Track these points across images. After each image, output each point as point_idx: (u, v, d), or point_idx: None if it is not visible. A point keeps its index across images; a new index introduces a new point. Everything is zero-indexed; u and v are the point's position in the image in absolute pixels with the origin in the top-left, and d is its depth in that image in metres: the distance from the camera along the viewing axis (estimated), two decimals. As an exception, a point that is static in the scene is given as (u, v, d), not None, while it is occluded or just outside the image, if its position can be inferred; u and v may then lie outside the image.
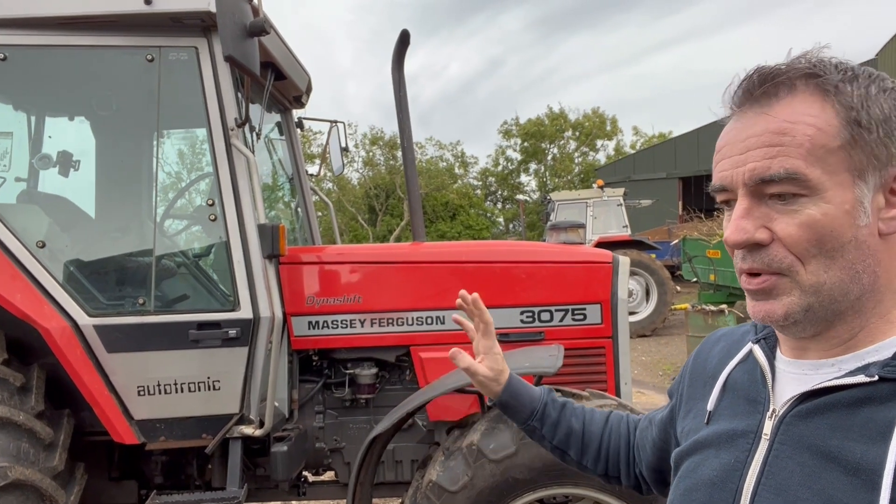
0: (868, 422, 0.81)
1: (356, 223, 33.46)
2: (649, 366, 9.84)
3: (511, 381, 1.43)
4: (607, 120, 41.18)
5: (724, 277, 11.05)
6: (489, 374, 1.42)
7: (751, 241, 0.87)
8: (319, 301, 3.17)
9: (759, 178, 0.86)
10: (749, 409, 0.98)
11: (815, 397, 0.88)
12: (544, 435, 1.41)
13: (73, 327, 2.79)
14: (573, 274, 3.18)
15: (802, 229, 0.84)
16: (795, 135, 0.84)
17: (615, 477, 1.40)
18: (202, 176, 3.57)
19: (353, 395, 3.29)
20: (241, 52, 2.49)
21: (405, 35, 3.27)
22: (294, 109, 4.16)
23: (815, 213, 0.84)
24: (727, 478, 0.94)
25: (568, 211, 14.43)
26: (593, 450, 1.39)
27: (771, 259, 0.87)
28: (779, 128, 0.85)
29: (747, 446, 0.94)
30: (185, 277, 3.11)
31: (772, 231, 0.87)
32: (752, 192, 0.88)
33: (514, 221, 39.13)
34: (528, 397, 1.42)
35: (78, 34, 2.86)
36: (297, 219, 4.19)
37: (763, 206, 0.88)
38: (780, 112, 0.86)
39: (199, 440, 2.96)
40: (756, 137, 0.87)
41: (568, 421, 1.40)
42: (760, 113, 0.88)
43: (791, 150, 0.84)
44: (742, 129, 0.90)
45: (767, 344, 1.02)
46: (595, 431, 1.40)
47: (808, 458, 0.85)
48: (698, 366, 1.17)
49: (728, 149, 0.92)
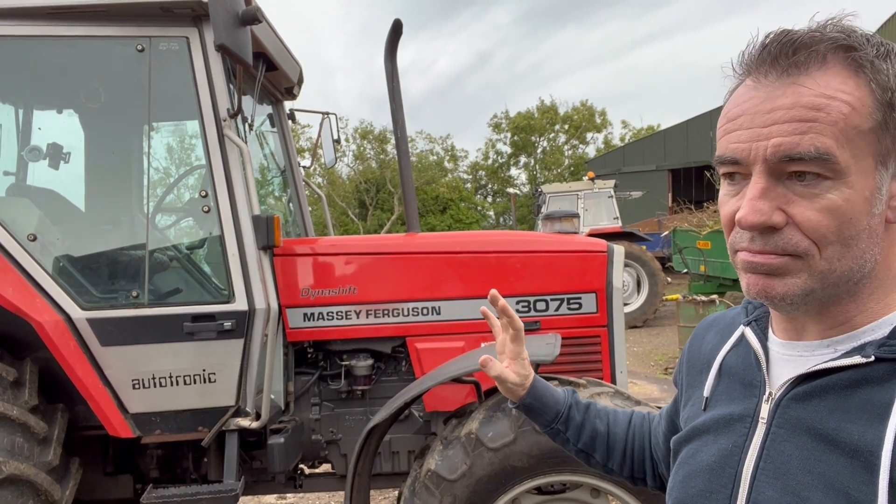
0: (865, 403, 0.80)
1: (346, 218, 33.35)
2: (641, 356, 9.89)
3: (535, 383, 1.38)
4: (596, 113, 41.26)
5: (714, 268, 11.13)
6: (517, 380, 1.36)
7: (767, 224, 0.81)
8: (314, 293, 3.16)
9: (785, 154, 0.79)
10: (745, 393, 0.96)
11: (811, 379, 0.86)
12: (569, 438, 1.37)
13: (66, 321, 2.76)
14: (568, 263, 3.19)
15: (823, 215, 0.79)
16: (830, 112, 0.78)
17: (641, 478, 1.37)
18: (195, 167, 3.54)
19: (349, 386, 3.28)
20: (233, 41, 2.47)
21: (398, 25, 3.25)
22: (285, 101, 4.13)
23: (838, 199, 0.79)
24: (725, 463, 0.93)
25: (559, 203, 14.43)
26: (619, 451, 1.36)
27: (786, 243, 0.81)
28: (812, 102, 0.78)
29: (745, 430, 0.93)
30: (179, 270, 3.08)
31: (787, 214, 0.81)
32: (772, 169, 0.81)
33: (504, 215, 39.15)
34: (553, 400, 1.38)
35: (66, 24, 2.83)
36: (290, 212, 4.17)
37: (780, 187, 0.81)
38: (813, 85, 0.79)
39: (195, 433, 2.94)
40: (785, 111, 0.80)
41: (592, 423, 1.36)
42: (791, 83, 0.80)
43: (824, 128, 0.77)
44: (766, 99, 0.82)
45: (759, 325, 1.00)
46: (619, 433, 1.36)
47: (807, 440, 0.84)
48: (693, 354, 1.16)
49: (746, 119, 0.83)
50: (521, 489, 2.56)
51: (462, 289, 3.16)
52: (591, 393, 2.61)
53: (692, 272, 12.04)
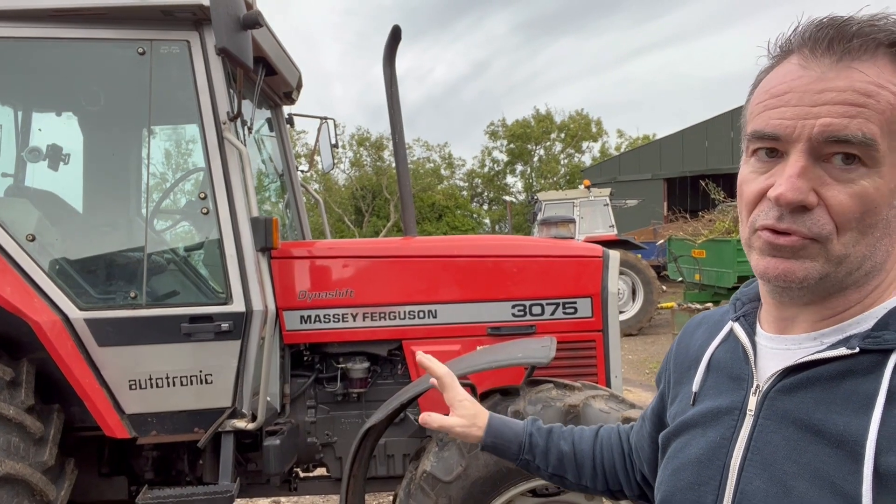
0: (851, 394, 0.82)
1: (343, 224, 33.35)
2: (636, 364, 9.91)
3: (491, 421, 1.41)
4: (592, 122, 41.43)
5: (708, 277, 11.19)
6: (463, 422, 1.40)
7: (803, 202, 0.82)
8: (311, 295, 3.17)
9: (832, 135, 0.80)
10: (733, 386, 0.98)
11: (797, 371, 0.88)
12: (539, 466, 1.38)
13: (63, 321, 2.77)
14: (564, 268, 3.21)
15: (853, 200, 0.81)
16: (880, 100, 0.79)
17: (618, 490, 1.37)
18: (193, 170, 3.55)
19: (344, 389, 3.29)
20: (234, 44, 2.49)
21: (396, 31, 3.28)
22: (284, 105, 4.15)
23: (869, 187, 0.81)
24: (714, 455, 0.95)
25: (555, 211, 14.48)
26: (588, 468, 1.36)
27: (813, 223, 0.82)
28: (865, 89, 0.80)
29: (732, 423, 0.94)
30: (177, 271, 3.09)
31: (820, 196, 0.82)
32: (814, 149, 0.82)
33: (500, 222, 39.20)
34: (513, 433, 1.40)
35: (67, 27, 2.84)
36: (287, 216, 4.18)
37: (818, 168, 0.82)
38: (867, 71, 0.81)
39: (191, 434, 2.95)
40: (837, 92, 0.80)
41: (557, 445, 1.38)
42: (846, 67, 0.81)
43: (873, 115, 0.79)
44: (817, 79, 0.82)
45: (747, 321, 1.02)
46: (585, 449, 1.37)
47: (793, 431, 0.85)
48: (681, 351, 1.17)
49: (794, 96, 0.83)
50: (516, 491, 2.56)
51: (458, 292, 3.18)
52: (586, 396, 2.62)
53: (687, 280, 12.10)
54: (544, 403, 2.58)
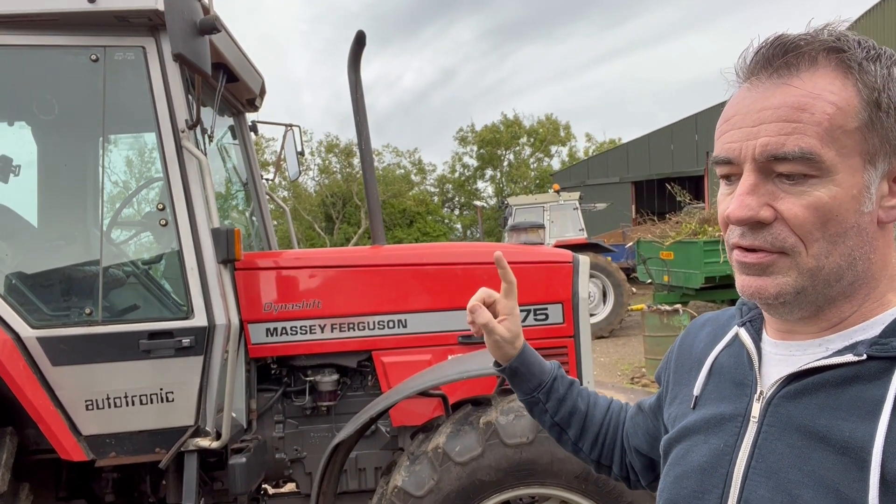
0: (857, 400, 0.80)
1: (313, 231, 33.09)
2: (608, 366, 9.96)
3: (525, 349, 1.35)
4: (561, 126, 41.85)
5: (677, 278, 11.32)
6: (507, 335, 1.32)
7: (755, 218, 0.83)
8: (277, 307, 3.09)
9: (770, 154, 0.81)
10: (736, 392, 0.96)
11: (802, 378, 0.86)
12: (547, 409, 1.34)
13: (14, 340, 2.65)
14: (534, 274, 3.18)
15: (809, 211, 0.81)
16: (814, 112, 0.80)
17: (607, 466, 1.36)
18: (151, 180, 3.45)
19: (313, 402, 3.21)
20: (191, 50, 2.41)
21: (361, 36, 3.23)
22: (247, 112, 4.07)
23: (824, 196, 0.80)
24: (717, 463, 0.93)
25: (525, 215, 14.55)
26: (592, 434, 1.35)
27: (774, 238, 0.83)
28: (797, 102, 0.81)
29: (736, 430, 0.92)
30: (136, 285, 2.99)
31: (776, 210, 0.83)
32: (761, 167, 0.83)
33: (471, 227, 39.30)
34: (539, 369, 1.35)
35: (17, 33, 2.74)
36: (253, 226, 4.09)
37: (769, 184, 0.83)
38: (800, 85, 0.81)
39: (153, 455, 2.84)
40: (772, 110, 0.82)
41: (574, 399, 1.35)
42: (779, 84, 0.83)
43: (808, 129, 0.80)
44: (757, 99, 0.84)
45: (753, 326, 1.00)
46: (597, 416, 1.35)
47: (798, 438, 0.84)
48: (684, 351, 1.16)
49: (739, 119, 0.86)
50: (490, 503, 2.52)
51: (428, 301, 3.13)
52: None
53: (656, 282, 12.22)
54: (516, 413, 2.55)
